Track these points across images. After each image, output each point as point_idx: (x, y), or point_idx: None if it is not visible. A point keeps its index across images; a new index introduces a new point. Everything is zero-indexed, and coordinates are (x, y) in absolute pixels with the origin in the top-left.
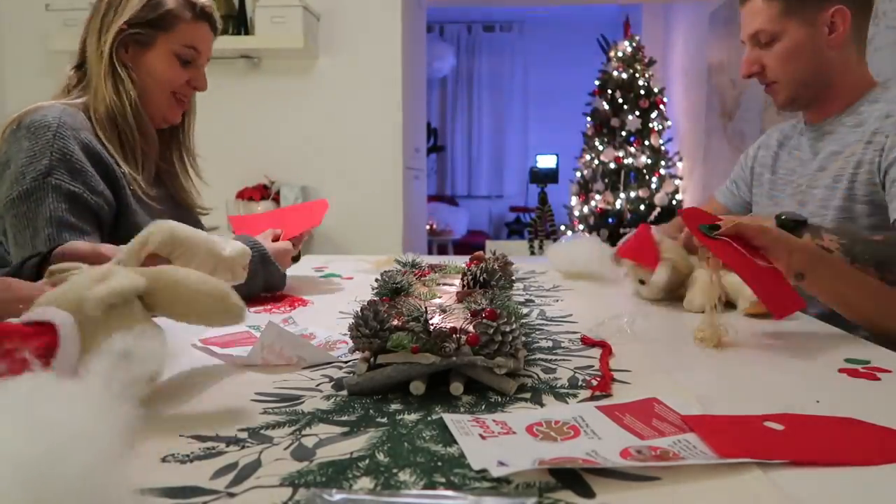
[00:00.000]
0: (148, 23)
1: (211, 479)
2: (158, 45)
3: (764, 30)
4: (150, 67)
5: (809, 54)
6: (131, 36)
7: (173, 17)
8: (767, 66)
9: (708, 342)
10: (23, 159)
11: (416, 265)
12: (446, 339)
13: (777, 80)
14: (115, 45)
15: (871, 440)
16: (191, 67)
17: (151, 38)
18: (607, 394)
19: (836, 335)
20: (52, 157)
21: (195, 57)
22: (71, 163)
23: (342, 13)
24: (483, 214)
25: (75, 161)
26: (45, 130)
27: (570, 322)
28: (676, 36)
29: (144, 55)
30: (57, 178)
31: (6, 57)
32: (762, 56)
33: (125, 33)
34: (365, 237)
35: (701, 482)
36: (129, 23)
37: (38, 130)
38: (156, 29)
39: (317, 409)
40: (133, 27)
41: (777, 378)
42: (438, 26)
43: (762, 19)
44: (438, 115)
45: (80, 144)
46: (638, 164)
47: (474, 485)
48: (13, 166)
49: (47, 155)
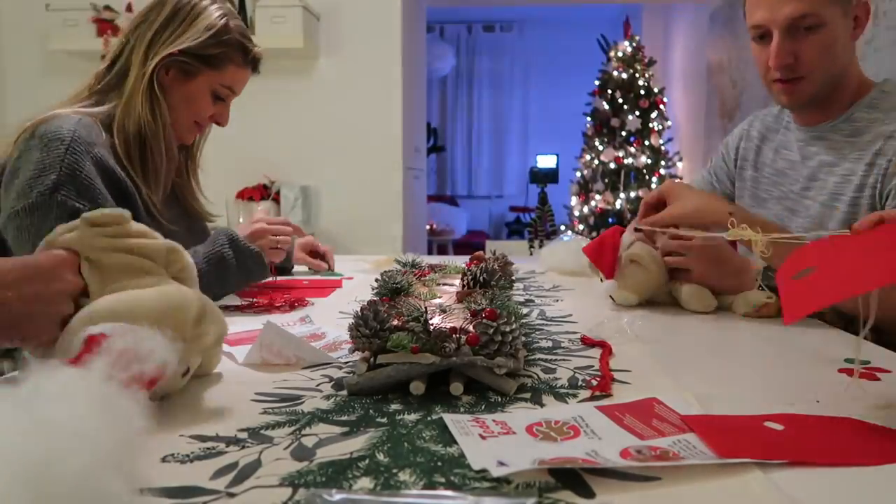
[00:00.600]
0: (200, 56)
1: (211, 479)
2: (201, 79)
3: (812, 13)
4: (185, 96)
5: (843, 47)
6: (178, 62)
7: (226, 58)
8: (803, 58)
9: None
10: (31, 171)
11: (416, 265)
12: (446, 339)
13: (811, 73)
14: (159, 68)
15: (870, 440)
16: (220, 103)
17: (197, 70)
18: (607, 394)
19: (837, 335)
20: (60, 172)
21: (228, 96)
22: (79, 179)
23: (342, 13)
24: (483, 214)
25: (84, 178)
26: (59, 144)
27: (570, 322)
28: (676, 36)
29: (184, 83)
30: (63, 195)
31: (6, 57)
32: (798, 44)
33: (174, 58)
34: (365, 237)
35: (701, 482)
36: (182, 51)
37: (51, 143)
38: (204, 64)
39: (317, 409)
40: (184, 55)
41: (777, 378)
42: (438, 26)
43: (808, 1)
44: (438, 115)
45: (93, 160)
46: (638, 164)
47: (474, 485)
48: (21, 177)
49: (56, 170)
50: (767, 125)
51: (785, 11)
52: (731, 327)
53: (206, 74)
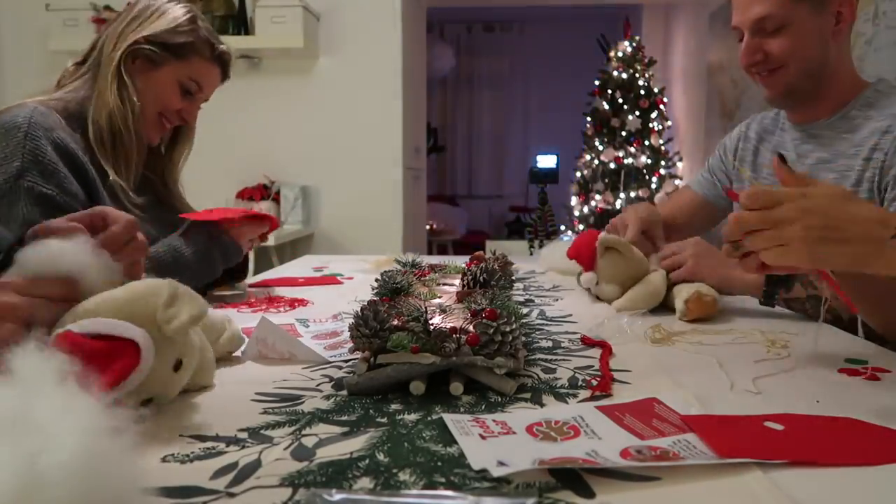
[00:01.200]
0: (165, 45)
1: (211, 479)
2: (166, 69)
3: (772, 15)
4: (151, 85)
5: (817, 44)
6: (144, 51)
7: (191, 49)
8: (771, 53)
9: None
10: None
11: (416, 265)
12: (446, 339)
13: (784, 64)
14: (126, 54)
15: (871, 440)
16: (188, 99)
17: (162, 60)
18: (607, 394)
19: (837, 335)
20: (23, 158)
21: (196, 91)
22: (43, 164)
23: (342, 13)
24: (483, 214)
25: (48, 162)
26: (16, 131)
27: (570, 322)
28: (676, 36)
29: (150, 72)
30: (29, 181)
31: (6, 57)
32: (765, 44)
33: (139, 46)
34: (365, 237)
35: (701, 482)
36: (147, 38)
37: (9, 132)
38: (170, 53)
39: (317, 409)
40: (150, 44)
41: (777, 378)
42: (438, 26)
43: (770, 4)
44: (438, 115)
45: (52, 143)
46: (638, 164)
47: (474, 485)
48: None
49: (18, 156)
50: (765, 127)
51: (750, 14)
52: (731, 327)
53: (171, 64)
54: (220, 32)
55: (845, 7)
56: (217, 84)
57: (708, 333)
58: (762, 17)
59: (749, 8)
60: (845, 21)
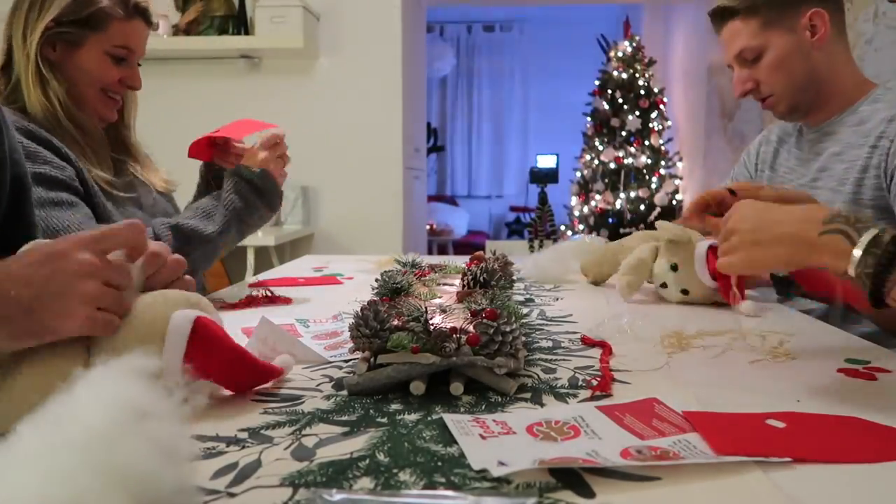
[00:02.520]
0: (77, 22)
1: (211, 479)
2: (89, 45)
3: (748, 47)
4: (79, 66)
5: (798, 60)
6: (59, 34)
7: (105, 15)
8: (760, 82)
9: None
10: None
11: (416, 265)
12: (446, 339)
13: (773, 92)
14: (41, 44)
15: (872, 438)
16: (124, 65)
17: (81, 37)
18: (607, 394)
19: (836, 335)
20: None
21: (128, 55)
22: (24, 148)
23: (342, 13)
24: (483, 214)
25: (27, 146)
26: None
27: (570, 322)
28: (676, 36)
29: (74, 53)
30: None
31: None
32: (752, 73)
33: (52, 31)
34: (365, 237)
35: (701, 482)
36: (56, 21)
37: None
38: (86, 28)
39: (317, 409)
40: (61, 25)
41: (776, 378)
42: (438, 26)
43: (744, 38)
44: (438, 115)
45: (25, 132)
46: (638, 164)
47: (474, 485)
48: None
49: None
50: (786, 129)
51: (731, 50)
52: (731, 327)
53: (92, 39)
54: (220, 32)
55: (816, 18)
56: (146, 37)
57: (709, 334)
58: (741, 51)
59: (730, 45)
60: (820, 31)
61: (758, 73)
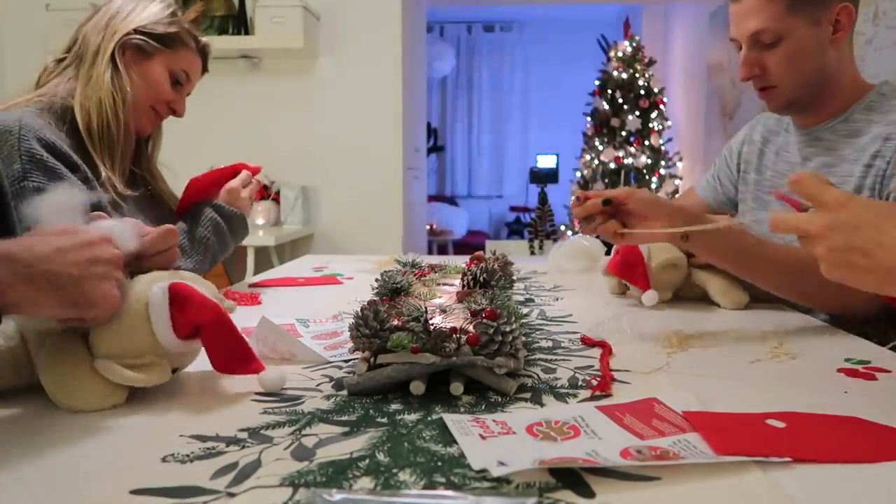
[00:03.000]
0: (155, 36)
1: (211, 479)
2: (158, 59)
3: (767, 29)
4: (143, 75)
5: (814, 56)
6: (134, 42)
7: (180, 40)
8: (769, 69)
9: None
10: None
11: (416, 265)
12: (446, 339)
13: (779, 84)
14: (118, 45)
15: (872, 438)
16: (176, 90)
17: (153, 50)
18: (607, 394)
19: (836, 335)
20: (22, 160)
21: (184, 82)
22: (43, 163)
23: (342, 13)
24: (483, 214)
25: (46, 160)
26: (8, 135)
27: (570, 322)
28: (676, 36)
29: (142, 63)
30: (34, 181)
31: (6, 57)
32: (763, 57)
33: (130, 37)
34: (365, 237)
35: (701, 482)
36: (138, 30)
37: (2, 136)
38: (160, 44)
39: (317, 409)
40: (140, 34)
41: (776, 378)
42: (438, 26)
43: (765, 17)
44: (438, 115)
45: (44, 144)
46: (638, 164)
47: (474, 485)
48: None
49: (17, 159)
50: (770, 128)
51: (746, 27)
52: (731, 327)
53: (162, 54)
54: (220, 32)
55: (843, 15)
56: (199, 76)
57: (709, 334)
58: (758, 31)
59: (745, 21)
60: (843, 28)
61: (768, 59)
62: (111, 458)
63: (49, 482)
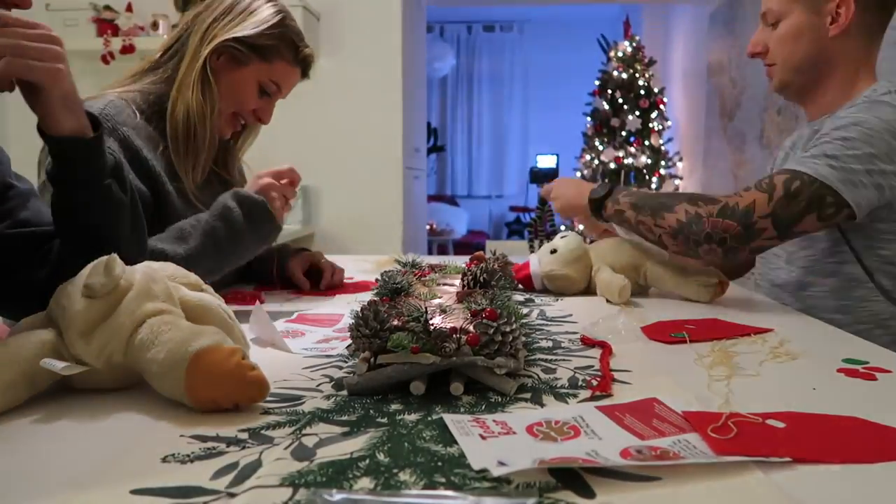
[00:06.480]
0: (251, 45)
1: (211, 479)
2: (250, 69)
3: (772, 10)
4: (232, 83)
5: (808, 41)
6: (231, 49)
7: (276, 51)
8: (770, 48)
9: None
10: None
11: (416, 265)
12: (446, 339)
13: (775, 62)
14: (212, 52)
15: (872, 438)
16: (264, 99)
17: (247, 59)
18: (607, 394)
19: (836, 335)
20: None
21: (274, 92)
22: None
23: (342, 13)
24: (483, 214)
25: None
26: None
27: (570, 322)
28: (676, 36)
29: (233, 70)
30: None
31: None
32: (767, 36)
33: (227, 43)
34: (365, 237)
35: (701, 482)
36: (236, 38)
37: None
38: (255, 54)
39: (317, 408)
40: (237, 42)
41: (776, 379)
42: (438, 26)
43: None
44: (438, 115)
45: (118, 139)
46: (638, 164)
47: (474, 485)
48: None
49: None
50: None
51: (762, 7)
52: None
53: (255, 65)
54: None
55: (843, 6)
56: (295, 84)
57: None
58: (765, 11)
59: (763, 2)
60: (842, 21)
61: (770, 38)
62: (111, 458)
63: (49, 482)
